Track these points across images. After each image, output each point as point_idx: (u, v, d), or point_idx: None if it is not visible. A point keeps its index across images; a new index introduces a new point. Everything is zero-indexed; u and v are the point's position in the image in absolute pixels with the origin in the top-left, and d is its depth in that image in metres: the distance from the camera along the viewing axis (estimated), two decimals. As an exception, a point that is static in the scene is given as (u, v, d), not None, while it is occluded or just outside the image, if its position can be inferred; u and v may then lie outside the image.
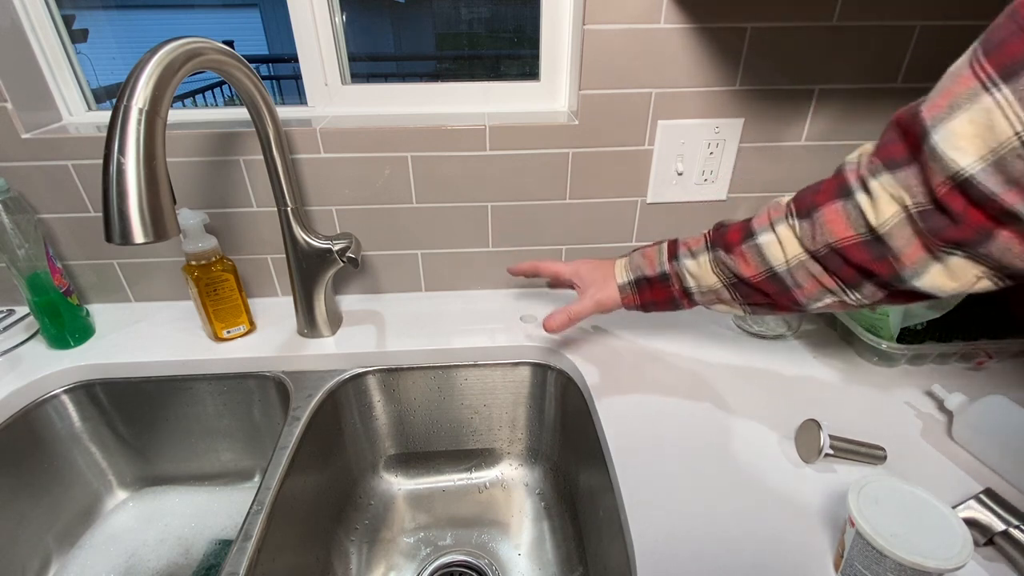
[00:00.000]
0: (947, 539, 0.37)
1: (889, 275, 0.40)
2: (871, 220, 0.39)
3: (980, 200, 0.33)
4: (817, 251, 0.43)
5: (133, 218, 0.40)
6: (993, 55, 0.32)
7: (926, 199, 0.36)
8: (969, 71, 0.33)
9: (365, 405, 0.74)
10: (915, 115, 0.35)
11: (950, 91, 0.34)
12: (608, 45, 0.65)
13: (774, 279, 0.47)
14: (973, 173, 0.33)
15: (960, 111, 0.33)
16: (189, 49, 0.44)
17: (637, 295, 0.57)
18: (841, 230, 0.41)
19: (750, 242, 0.47)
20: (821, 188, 0.43)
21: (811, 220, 0.43)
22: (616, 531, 0.50)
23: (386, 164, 0.72)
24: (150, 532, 0.72)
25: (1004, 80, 0.31)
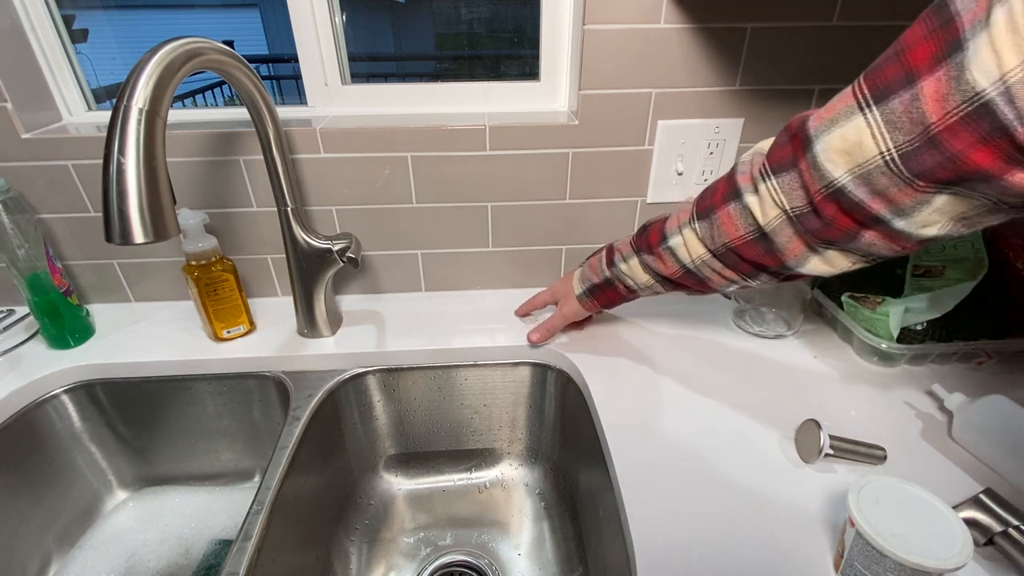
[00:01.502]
0: (947, 539, 0.37)
1: (778, 265, 0.45)
2: (759, 220, 0.44)
3: (849, 207, 0.37)
4: (716, 250, 0.48)
5: (133, 218, 0.40)
6: (869, 77, 0.36)
7: (804, 203, 0.40)
8: (851, 90, 0.37)
9: (365, 405, 0.74)
10: (803, 124, 0.39)
11: (834, 106, 0.37)
12: (608, 45, 0.65)
13: (688, 274, 0.53)
14: (844, 184, 0.36)
15: (837, 126, 0.36)
16: (189, 49, 0.44)
17: (594, 300, 0.64)
18: (734, 230, 0.46)
19: (664, 245, 0.53)
20: (718, 189, 0.48)
21: (709, 221, 0.48)
22: (616, 531, 0.50)
23: (386, 164, 0.72)
24: (150, 532, 0.72)
25: (876, 101, 0.34)
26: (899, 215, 0.36)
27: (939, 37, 0.31)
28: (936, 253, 0.73)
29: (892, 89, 0.33)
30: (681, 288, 0.56)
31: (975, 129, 0.29)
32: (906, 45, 0.34)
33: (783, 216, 0.42)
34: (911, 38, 0.34)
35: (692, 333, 0.73)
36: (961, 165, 0.31)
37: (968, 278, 0.65)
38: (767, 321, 0.74)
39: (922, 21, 0.33)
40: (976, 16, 0.29)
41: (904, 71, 0.33)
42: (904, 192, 0.34)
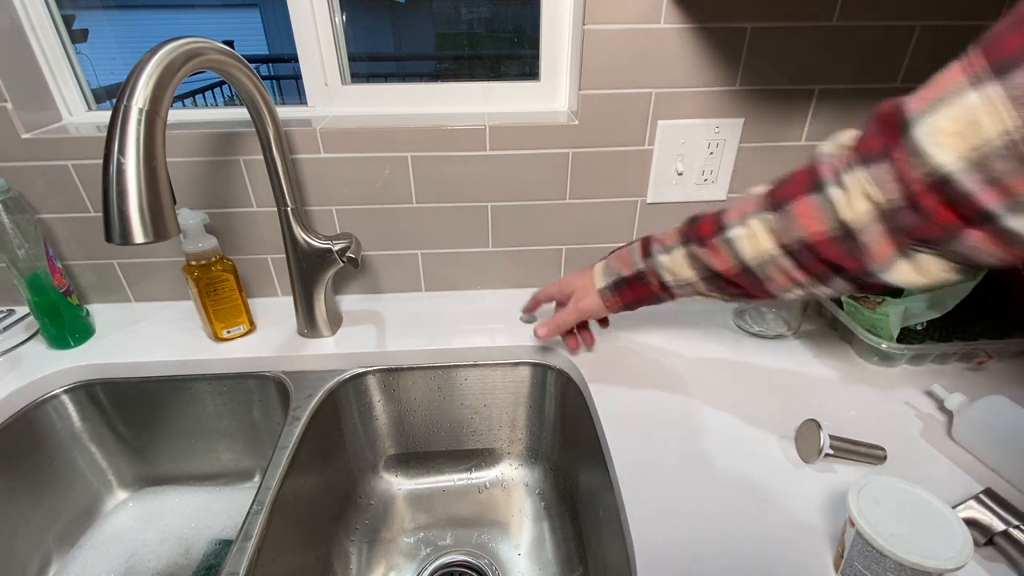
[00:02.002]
0: (947, 539, 0.37)
1: (858, 269, 0.40)
2: (843, 216, 0.39)
3: (954, 198, 0.33)
4: (789, 245, 0.43)
5: (133, 218, 0.40)
6: (986, 49, 0.31)
7: (900, 195, 0.35)
8: (959, 65, 0.32)
9: (365, 405, 0.74)
10: (898, 107, 0.35)
11: (940, 84, 0.33)
12: (608, 45, 0.65)
13: (746, 272, 0.46)
14: (951, 171, 0.32)
15: (945, 105, 0.32)
16: (189, 49, 0.44)
17: (618, 296, 0.58)
18: (813, 225, 0.41)
19: (722, 236, 0.47)
20: (794, 179, 0.43)
21: (784, 213, 0.43)
22: (616, 531, 0.50)
23: (386, 164, 0.72)
24: (150, 532, 0.72)
25: (996, 75, 0.30)
26: (1014, 210, 0.31)
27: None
28: (936, 253, 0.73)
29: (1016, 61, 0.29)
30: (728, 290, 0.50)
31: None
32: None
33: (873, 211, 0.37)
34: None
35: (692, 333, 0.73)
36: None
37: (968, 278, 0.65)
38: (767, 321, 0.74)
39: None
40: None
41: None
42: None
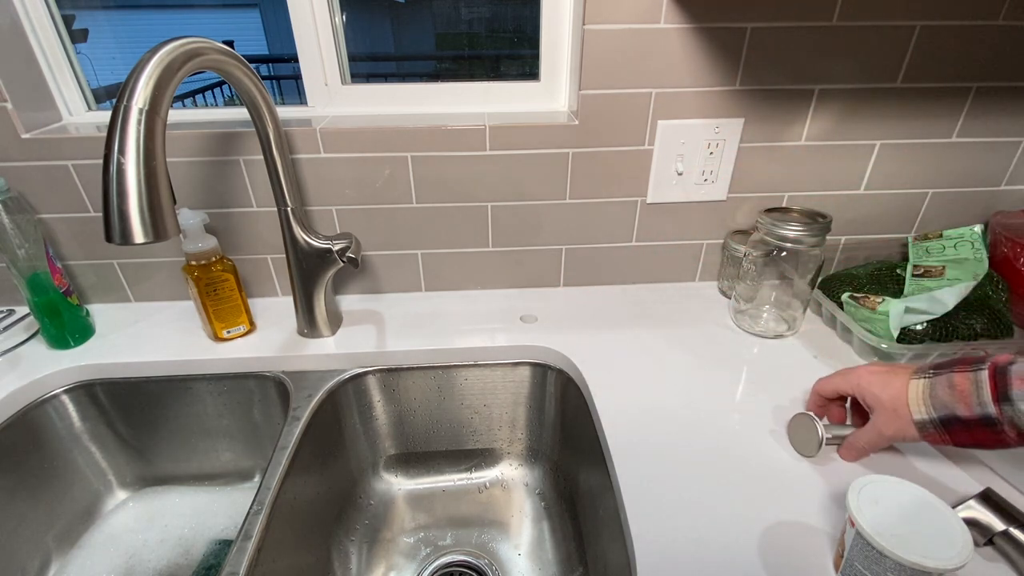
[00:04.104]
0: (947, 539, 0.37)
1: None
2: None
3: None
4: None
5: (133, 218, 0.40)
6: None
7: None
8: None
9: (365, 405, 0.74)
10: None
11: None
12: (608, 45, 0.65)
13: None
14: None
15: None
16: (189, 49, 0.44)
17: (947, 435, 0.45)
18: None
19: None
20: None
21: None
22: (616, 531, 0.50)
23: (386, 164, 0.72)
24: (150, 532, 0.72)
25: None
26: None
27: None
28: (936, 253, 0.73)
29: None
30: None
31: None
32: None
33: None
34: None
35: (693, 333, 0.73)
36: None
37: (968, 278, 0.65)
38: (767, 321, 0.74)
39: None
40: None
41: None
42: None
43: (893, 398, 0.47)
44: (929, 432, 0.45)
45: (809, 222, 0.66)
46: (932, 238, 0.75)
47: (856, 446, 0.51)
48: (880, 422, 0.48)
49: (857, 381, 0.50)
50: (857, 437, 0.50)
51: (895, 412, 0.47)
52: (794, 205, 0.76)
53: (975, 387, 0.42)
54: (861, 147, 0.75)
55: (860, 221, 0.80)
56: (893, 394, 0.47)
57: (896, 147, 0.75)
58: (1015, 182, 0.79)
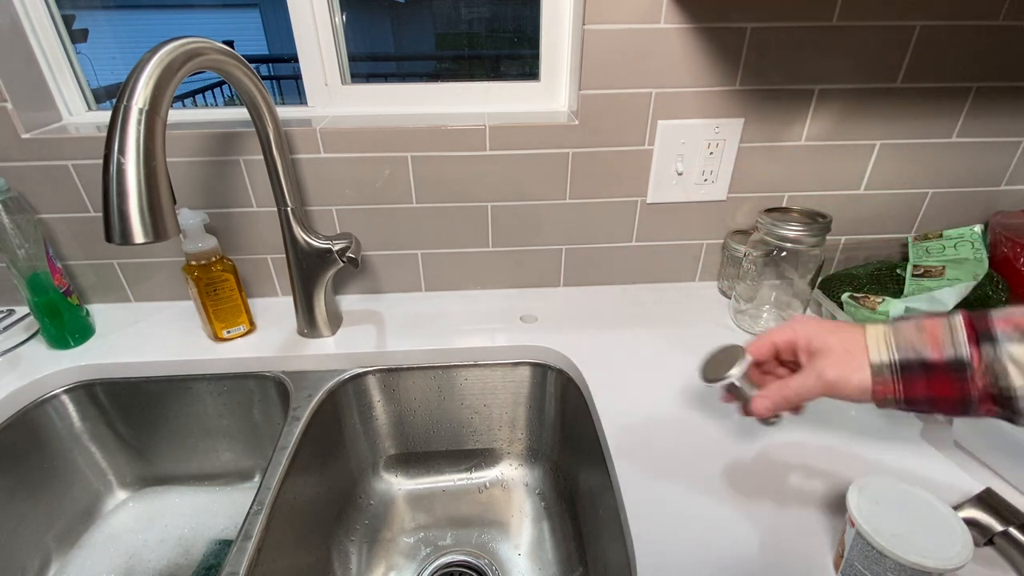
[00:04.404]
0: (947, 539, 0.37)
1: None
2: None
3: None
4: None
5: (133, 218, 0.40)
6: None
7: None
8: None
9: (365, 405, 0.74)
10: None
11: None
12: (608, 45, 0.65)
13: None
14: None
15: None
16: (189, 49, 0.44)
17: (903, 384, 0.37)
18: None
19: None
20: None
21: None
22: (616, 531, 0.50)
23: (386, 164, 0.72)
24: (150, 532, 0.72)
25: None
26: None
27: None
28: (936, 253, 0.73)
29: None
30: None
31: None
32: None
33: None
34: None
35: (692, 333, 0.73)
36: None
37: (968, 278, 0.65)
38: (767, 320, 0.74)
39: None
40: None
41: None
42: None
43: (846, 340, 0.40)
44: (883, 379, 0.38)
45: (809, 222, 0.66)
46: (932, 238, 0.75)
47: (780, 392, 0.42)
48: (822, 365, 0.40)
49: (798, 327, 0.43)
50: (785, 382, 0.42)
51: (847, 353, 0.39)
52: (794, 205, 0.76)
53: (948, 329, 0.37)
54: (861, 147, 0.75)
55: (860, 221, 0.80)
56: (846, 336, 0.40)
57: (896, 147, 0.75)
58: (1015, 182, 0.79)
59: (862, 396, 0.39)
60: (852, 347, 0.40)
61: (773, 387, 0.42)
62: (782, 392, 0.42)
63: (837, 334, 0.41)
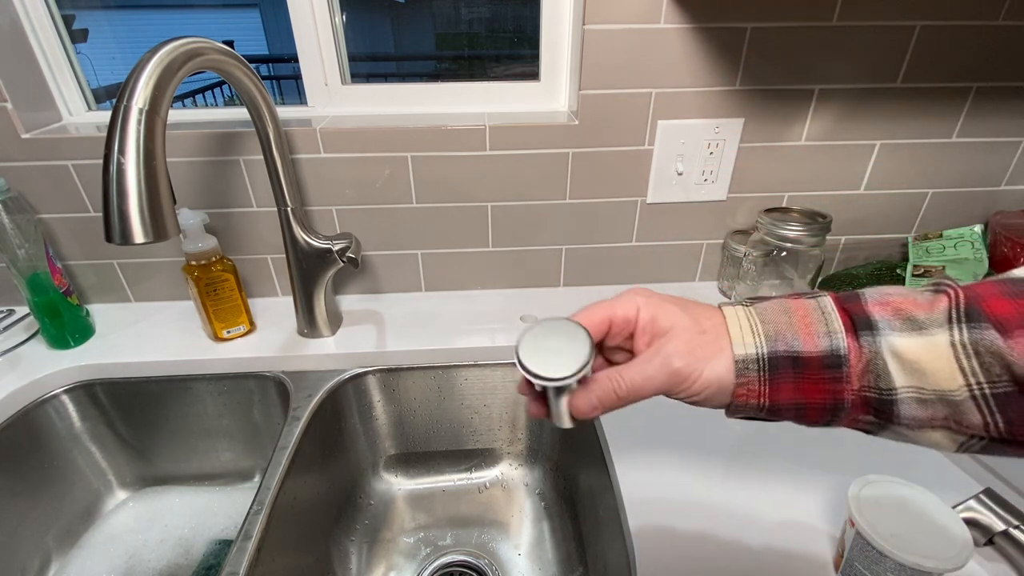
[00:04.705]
0: (947, 539, 0.37)
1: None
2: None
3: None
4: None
5: (133, 218, 0.40)
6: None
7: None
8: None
9: (365, 405, 0.74)
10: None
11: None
12: (608, 45, 0.65)
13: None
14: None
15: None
16: (189, 49, 0.44)
17: (769, 385, 0.29)
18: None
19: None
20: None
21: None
22: (616, 531, 0.50)
23: (386, 164, 0.72)
24: (150, 532, 0.72)
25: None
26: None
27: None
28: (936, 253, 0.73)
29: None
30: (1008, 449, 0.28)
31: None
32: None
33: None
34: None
35: (692, 333, 0.73)
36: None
37: (968, 278, 0.65)
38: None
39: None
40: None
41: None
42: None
43: (701, 318, 0.31)
44: (747, 378, 0.29)
45: (809, 222, 0.66)
46: (932, 238, 0.75)
47: (610, 385, 0.31)
48: (670, 350, 0.30)
49: (640, 300, 0.32)
50: (617, 372, 0.31)
51: (702, 336, 0.30)
52: (794, 205, 0.76)
53: (820, 314, 0.29)
54: (861, 147, 0.75)
55: (860, 221, 0.80)
56: (701, 315, 0.31)
57: (896, 147, 0.75)
58: (1015, 182, 0.79)
59: (715, 396, 0.30)
60: (709, 329, 0.30)
61: (600, 378, 0.31)
62: (613, 385, 0.31)
63: (690, 311, 0.31)
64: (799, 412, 0.29)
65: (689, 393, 0.31)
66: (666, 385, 0.30)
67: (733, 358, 0.29)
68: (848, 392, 0.28)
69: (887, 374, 0.27)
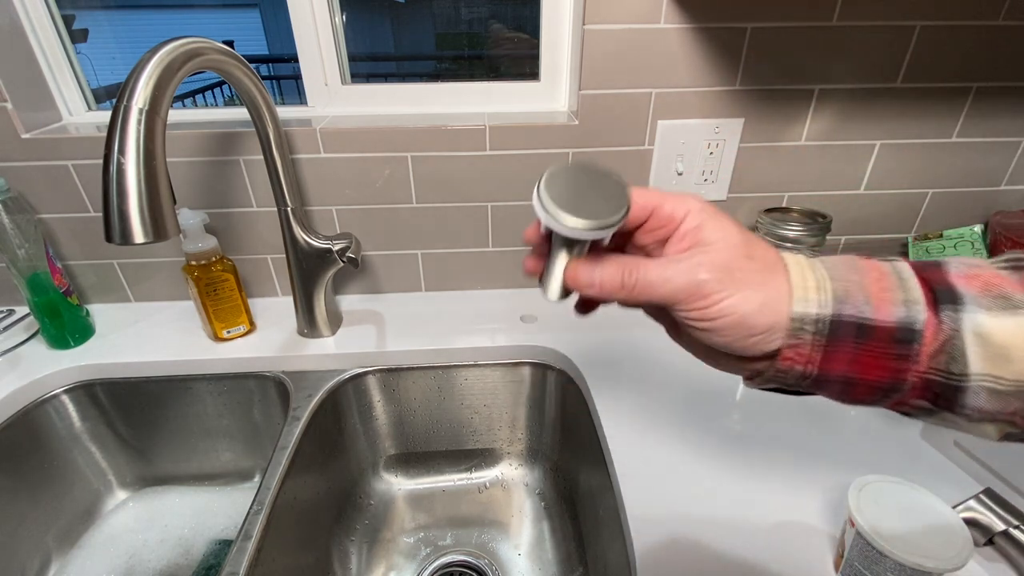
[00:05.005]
0: (947, 539, 0.37)
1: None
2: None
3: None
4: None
5: (133, 218, 0.40)
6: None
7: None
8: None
9: (365, 405, 0.74)
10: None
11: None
12: (608, 45, 0.65)
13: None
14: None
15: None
16: (189, 49, 0.44)
17: (821, 350, 0.24)
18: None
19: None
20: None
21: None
22: (616, 531, 0.50)
23: (386, 164, 0.72)
24: (150, 532, 0.72)
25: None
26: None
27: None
28: (936, 253, 0.73)
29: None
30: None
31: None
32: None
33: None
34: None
35: (692, 333, 0.73)
36: None
37: (968, 278, 0.65)
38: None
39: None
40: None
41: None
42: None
43: (755, 246, 0.26)
44: (800, 339, 0.24)
45: (809, 222, 0.66)
46: (932, 238, 0.75)
47: (620, 271, 0.26)
48: (704, 259, 0.25)
49: (693, 204, 0.27)
50: (636, 262, 0.26)
51: (749, 262, 0.25)
52: (794, 205, 0.76)
53: (896, 278, 0.25)
54: (861, 147, 0.75)
55: (860, 221, 0.80)
56: (758, 244, 0.26)
57: (896, 147, 0.75)
58: (1015, 182, 0.79)
59: (728, 329, 0.25)
60: (758, 258, 0.26)
61: (612, 258, 0.27)
62: (623, 270, 0.26)
63: (745, 234, 0.26)
64: (845, 387, 0.25)
65: (701, 314, 0.25)
66: (681, 294, 0.25)
67: (789, 314, 0.24)
68: (912, 373, 0.24)
69: (963, 357, 0.23)
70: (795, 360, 0.25)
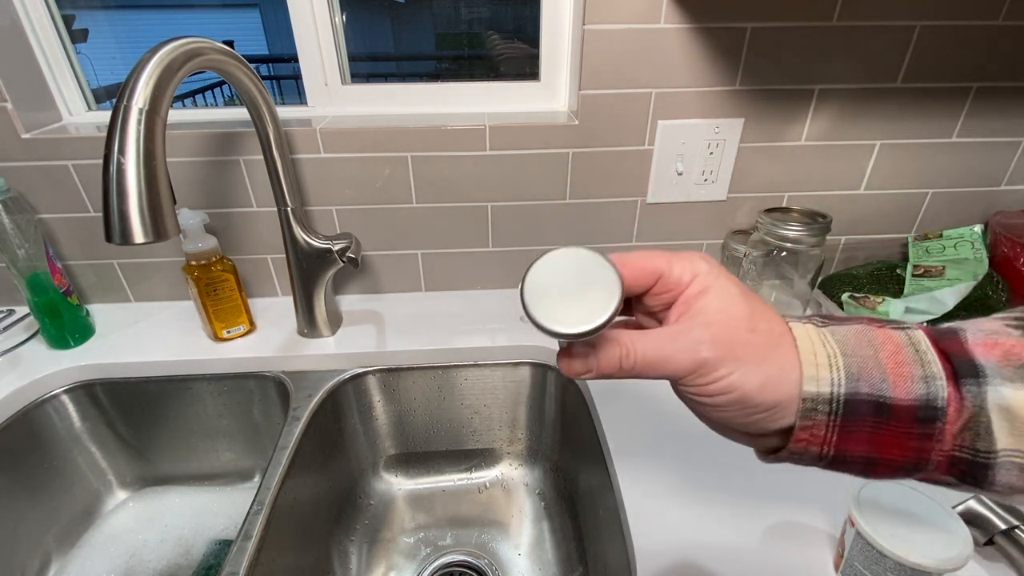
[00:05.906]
0: (947, 539, 0.37)
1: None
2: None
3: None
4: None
5: (133, 218, 0.40)
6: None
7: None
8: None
9: (365, 405, 0.74)
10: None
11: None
12: (608, 45, 0.65)
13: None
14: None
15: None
16: (189, 49, 0.44)
17: (836, 431, 0.23)
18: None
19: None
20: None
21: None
22: (616, 531, 0.50)
23: (386, 164, 0.72)
24: (150, 532, 0.72)
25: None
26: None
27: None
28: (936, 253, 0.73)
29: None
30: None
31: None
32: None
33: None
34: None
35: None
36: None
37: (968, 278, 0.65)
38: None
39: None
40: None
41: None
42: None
43: (760, 317, 0.25)
44: (813, 421, 0.23)
45: (809, 222, 0.66)
46: (932, 238, 0.75)
47: (617, 356, 0.25)
48: (704, 335, 0.24)
49: (700, 266, 0.26)
50: (633, 342, 0.25)
51: (751, 336, 0.24)
52: (794, 205, 0.76)
53: (913, 351, 0.23)
54: (861, 147, 0.75)
55: (860, 221, 0.80)
56: (763, 314, 0.25)
57: (896, 147, 0.75)
58: (1015, 182, 0.79)
59: (730, 406, 0.24)
60: (762, 331, 0.24)
61: (609, 339, 0.25)
62: (621, 352, 0.25)
63: (751, 302, 0.25)
64: (867, 466, 0.24)
65: (699, 390, 0.24)
66: (683, 372, 0.24)
67: (799, 393, 0.23)
68: (936, 452, 0.23)
69: (989, 434, 0.22)
70: (810, 441, 0.24)
